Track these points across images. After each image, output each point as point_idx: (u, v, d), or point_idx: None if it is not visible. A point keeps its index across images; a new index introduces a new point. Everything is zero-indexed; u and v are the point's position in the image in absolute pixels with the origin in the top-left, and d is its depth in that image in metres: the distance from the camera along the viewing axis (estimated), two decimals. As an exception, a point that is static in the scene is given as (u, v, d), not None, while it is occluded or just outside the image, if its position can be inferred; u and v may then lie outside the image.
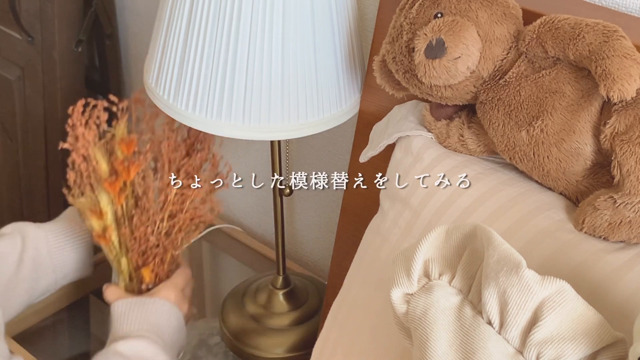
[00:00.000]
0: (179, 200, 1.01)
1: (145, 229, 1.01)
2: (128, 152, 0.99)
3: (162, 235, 1.02)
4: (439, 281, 0.69)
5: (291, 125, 0.98)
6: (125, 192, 1.00)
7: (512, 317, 0.63)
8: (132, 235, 1.01)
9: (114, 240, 1.03)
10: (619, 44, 0.73)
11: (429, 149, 0.89)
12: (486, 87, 0.82)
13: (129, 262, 1.04)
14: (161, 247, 1.03)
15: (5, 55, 1.55)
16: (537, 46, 0.79)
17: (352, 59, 1.00)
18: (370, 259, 0.90)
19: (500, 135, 0.82)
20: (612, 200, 0.75)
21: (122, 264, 1.05)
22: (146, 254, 1.03)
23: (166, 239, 1.02)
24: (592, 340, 0.62)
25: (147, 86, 1.05)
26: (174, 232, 1.02)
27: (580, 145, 0.77)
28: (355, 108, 1.02)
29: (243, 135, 0.98)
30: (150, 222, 1.01)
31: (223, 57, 0.94)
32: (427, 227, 0.84)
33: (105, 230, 1.02)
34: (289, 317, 1.20)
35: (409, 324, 0.70)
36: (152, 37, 1.04)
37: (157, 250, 1.03)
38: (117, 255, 1.04)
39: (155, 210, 1.01)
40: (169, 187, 1.00)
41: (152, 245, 1.02)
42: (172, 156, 1.01)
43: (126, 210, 1.02)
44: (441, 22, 0.80)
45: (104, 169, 1.00)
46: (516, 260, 0.64)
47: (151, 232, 1.01)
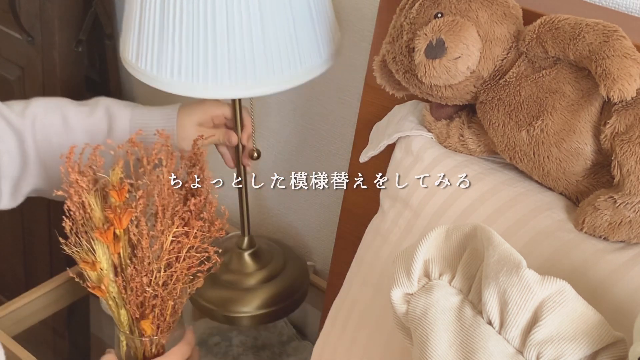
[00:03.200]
0: (175, 249, 0.96)
1: (141, 279, 0.96)
2: (120, 199, 0.95)
3: (160, 286, 0.97)
4: (439, 281, 0.69)
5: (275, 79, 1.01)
6: (121, 240, 0.96)
7: (512, 317, 0.63)
8: (128, 286, 0.97)
9: (111, 291, 0.98)
10: (619, 44, 0.73)
11: (429, 149, 0.89)
12: (486, 87, 0.82)
13: (128, 314, 1.00)
14: (159, 298, 0.98)
15: (5, 55, 1.55)
16: (537, 46, 0.79)
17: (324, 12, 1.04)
18: (370, 259, 0.90)
19: (500, 135, 0.82)
20: (612, 200, 0.75)
21: (122, 316, 1.01)
22: (144, 306, 0.99)
23: (164, 290, 0.98)
24: (592, 340, 0.62)
25: (128, 63, 1.06)
26: (172, 283, 0.98)
27: (580, 145, 0.77)
28: (331, 59, 1.06)
29: (230, 95, 1.02)
30: (147, 272, 0.96)
31: (202, 20, 0.96)
32: (427, 227, 0.84)
33: (100, 281, 0.97)
34: (256, 276, 1.23)
35: (409, 324, 0.70)
36: (125, 15, 1.05)
37: (155, 302, 0.98)
38: (116, 306, 1.00)
39: (151, 259, 0.96)
40: (164, 235, 0.95)
41: (150, 296, 0.97)
42: (167, 202, 0.96)
43: (124, 259, 0.98)
44: (441, 22, 0.80)
45: (99, 216, 0.96)
46: (516, 260, 0.64)
47: (147, 282, 0.96)
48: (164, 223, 0.95)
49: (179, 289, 0.98)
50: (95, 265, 0.96)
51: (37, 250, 1.66)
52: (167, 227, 0.95)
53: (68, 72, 1.48)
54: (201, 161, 1.01)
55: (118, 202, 0.94)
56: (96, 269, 0.96)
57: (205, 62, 0.98)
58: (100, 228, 0.94)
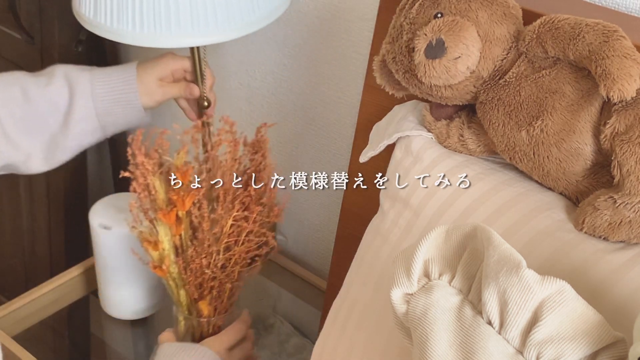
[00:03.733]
0: (234, 233, 0.99)
1: (200, 261, 0.99)
2: (184, 181, 0.98)
3: (218, 269, 1.00)
4: (439, 281, 0.69)
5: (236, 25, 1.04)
6: (182, 223, 0.99)
7: (512, 317, 0.63)
8: (188, 267, 1.00)
9: (172, 272, 1.01)
10: (619, 44, 0.73)
11: (429, 149, 0.89)
12: (486, 87, 0.82)
13: (187, 294, 1.03)
14: (217, 280, 1.01)
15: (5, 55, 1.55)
16: (537, 46, 0.79)
17: None
18: (370, 259, 0.90)
19: (500, 135, 0.82)
20: (612, 200, 0.75)
21: (181, 296, 1.04)
22: (202, 287, 1.02)
23: (222, 273, 1.00)
24: (592, 340, 0.62)
25: (83, 18, 1.06)
26: (230, 266, 1.00)
27: (580, 145, 0.77)
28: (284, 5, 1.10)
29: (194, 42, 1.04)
30: (206, 254, 0.99)
31: None
32: (427, 227, 0.84)
33: (162, 261, 1.00)
34: None
35: (409, 324, 0.70)
36: None
37: (214, 283, 1.01)
38: (176, 287, 1.03)
39: (211, 242, 0.99)
40: (224, 218, 0.98)
41: (208, 278, 1.00)
42: (229, 187, 0.99)
43: (185, 241, 1.00)
44: (441, 22, 0.80)
45: (162, 198, 0.99)
46: (516, 260, 0.64)
47: (207, 264, 0.99)
48: (224, 207, 0.98)
49: (236, 272, 1.02)
50: (158, 245, 0.99)
51: (37, 250, 1.66)
52: (228, 211, 0.98)
53: (68, 72, 1.48)
54: (264, 148, 1.04)
55: (182, 184, 0.97)
56: (158, 249, 0.99)
57: (167, 11, 1.00)
58: (163, 209, 0.98)
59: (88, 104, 1.09)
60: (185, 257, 0.99)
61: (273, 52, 1.31)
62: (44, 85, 1.09)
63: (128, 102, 1.12)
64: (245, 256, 1.01)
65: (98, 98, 1.10)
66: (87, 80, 1.11)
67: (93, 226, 1.20)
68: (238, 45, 1.36)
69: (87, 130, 1.11)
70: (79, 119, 1.09)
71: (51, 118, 1.09)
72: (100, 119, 1.11)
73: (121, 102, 1.12)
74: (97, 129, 1.12)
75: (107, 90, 1.11)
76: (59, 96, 1.09)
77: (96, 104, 1.10)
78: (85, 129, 1.11)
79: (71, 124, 1.09)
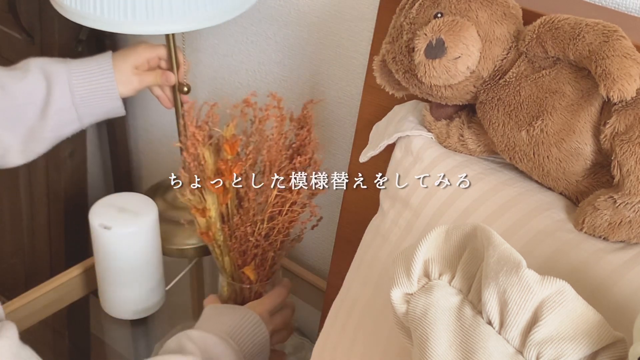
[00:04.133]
0: (278, 203, 1.03)
1: (245, 229, 1.03)
2: (232, 152, 1.02)
3: (262, 237, 1.04)
4: (439, 281, 0.69)
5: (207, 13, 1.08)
6: (229, 192, 1.03)
7: (512, 317, 0.63)
8: (232, 235, 1.05)
9: (217, 239, 1.07)
10: (619, 44, 0.73)
11: (429, 149, 0.89)
12: (486, 87, 0.82)
13: (231, 261, 1.08)
14: (260, 248, 1.05)
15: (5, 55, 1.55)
16: (537, 46, 0.79)
17: None
18: (370, 259, 0.90)
19: (500, 135, 0.82)
20: (612, 200, 0.75)
21: (226, 263, 1.09)
22: (246, 254, 1.06)
23: (265, 241, 1.05)
24: (592, 340, 0.62)
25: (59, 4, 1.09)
26: (273, 235, 1.05)
27: (580, 145, 0.77)
28: None
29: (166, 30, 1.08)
30: (251, 222, 1.03)
31: None
32: (427, 227, 0.84)
33: (209, 228, 1.05)
34: None
35: (409, 323, 0.70)
36: None
37: (257, 251, 1.06)
38: (221, 253, 1.08)
39: (256, 211, 1.03)
40: (269, 189, 1.02)
41: (252, 245, 1.05)
42: (275, 159, 1.03)
43: (231, 209, 1.05)
44: (441, 22, 0.80)
45: (211, 168, 1.04)
46: (516, 260, 0.64)
47: (251, 232, 1.04)
48: (270, 178, 1.02)
49: (279, 242, 1.07)
50: (205, 212, 1.04)
51: (37, 250, 1.66)
52: (273, 182, 1.02)
53: (68, 72, 1.48)
54: (309, 124, 1.08)
55: (230, 155, 1.02)
56: (205, 216, 1.04)
57: None
58: (212, 178, 1.02)
59: (65, 95, 1.11)
60: (230, 225, 1.05)
61: (273, 52, 1.31)
62: (20, 79, 1.10)
63: (105, 91, 1.14)
64: (288, 226, 1.06)
65: (75, 88, 1.12)
66: (64, 72, 1.12)
67: (93, 226, 1.20)
68: (238, 45, 1.36)
69: (65, 121, 1.13)
70: (57, 110, 1.11)
71: (29, 111, 1.10)
72: (78, 109, 1.12)
73: (98, 91, 1.13)
74: (74, 120, 1.14)
75: (84, 80, 1.12)
76: (36, 89, 1.10)
77: (73, 95, 1.12)
78: (63, 119, 1.12)
79: (49, 116, 1.10)
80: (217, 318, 1.04)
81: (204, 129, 1.05)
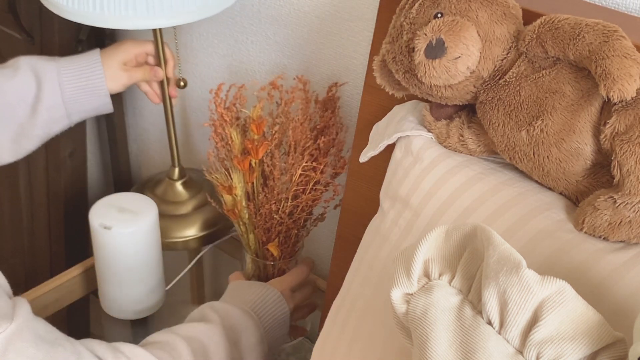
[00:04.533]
0: (303, 182, 1.08)
1: (270, 206, 1.07)
2: (258, 132, 1.06)
3: (286, 215, 1.09)
4: (439, 281, 0.69)
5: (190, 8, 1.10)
6: (255, 171, 1.08)
7: (512, 317, 0.63)
8: (257, 212, 1.09)
9: (243, 216, 1.11)
10: (619, 44, 0.73)
11: (429, 149, 0.89)
12: (486, 87, 0.82)
13: (256, 238, 1.12)
14: (284, 225, 1.10)
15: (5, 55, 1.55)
16: (537, 46, 0.79)
17: None
18: (370, 259, 0.90)
19: (500, 135, 0.82)
20: (612, 200, 0.75)
21: (250, 240, 1.13)
22: (270, 232, 1.11)
23: (289, 219, 1.10)
24: (592, 340, 0.62)
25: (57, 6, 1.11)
26: (297, 212, 1.10)
27: (580, 145, 0.77)
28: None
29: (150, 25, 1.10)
30: (275, 200, 1.08)
31: None
32: (427, 227, 0.84)
33: (235, 205, 1.09)
34: (190, 204, 1.35)
35: (409, 324, 0.70)
36: None
37: (281, 229, 1.10)
38: (246, 231, 1.12)
39: (281, 189, 1.08)
40: (294, 167, 1.07)
41: (276, 222, 1.09)
42: (300, 138, 1.07)
43: (256, 188, 1.09)
44: (441, 22, 0.80)
45: (238, 148, 1.08)
46: (516, 260, 0.64)
47: (276, 210, 1.08)
48: (295, 157, 1.07)
49: (302, 219, 1.12)
50: (232, 190, 1.08)
51: (37, 250, 1.66)
52: (298, 161, 1.07)
53: (68, 72, 1.48)
54: (334, 106, 1.13)
55: (256, 135, 1.06)
56: (232, 194, 1.09)
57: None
58: (238, 157, 1.07)
59: (55, 92, 1.12)
60: (256, 202, 1.09)
61: (273, 52, 1.31)
62: (10, 77, 1.12)
63: (94, 88, 1.15)
64: (311, 204, 1.10)
65: (65, 85, 1.13)
66: (54, 69, 1.13)
67: (93, 226, 1.20)
68: (238, 45, 1.36)
69: (54, 117, 1.14)
70: (47, 107, 1.12)
71: (19, 109, 1.12)
72: (67, 106, 1.14)
73: (88, 88, 1.15)
74: (63, 117, 1.15)
75: (73, 77, 1.14)
76: (26, 86, 1.12)
77: (63, 92, 1.13)
78: (52, 116, 1.14)
79: (39, 113, 1.12)
80: (241, 292, 1.08)
81: (232, 110, 1.10)
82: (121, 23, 1.09)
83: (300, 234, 1.15)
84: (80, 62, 1.16)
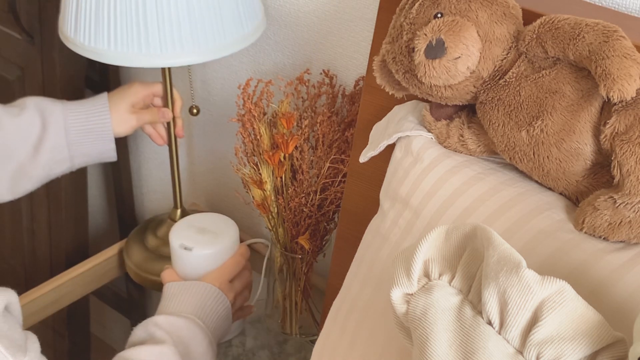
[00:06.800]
0: (331, 174, 1.09)
1: (299, 200, 1.09)
2: (288, 127, 1.07)
3: (315, 208, 1.10)
4: (439, 281, 0.69)
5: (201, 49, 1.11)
6: (284, 165, 1.09)
7: (512, 317, 0.63)
8: (287, 206, 1.10)
9: (272, 210, 1.12)
10: (619, 44, 0.73)
11: (429, 149, 0.89)
12: (486, 87, 0.82)
13: (285, 232, 1.13)
14: (314, 219, 1.11)
15: (5, 55, 1.55)
16: (537, 46, 0.79)
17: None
18: (370, 259, 0.90)
19: (500, 135, 0.82)
20: (612, 200, 0.75)
21: (280, 234, 1.14)
22: (300, 225, 1.12)
23: (318, 212, 1.11)
24: (592, 340, 0.62)
25: (67, 38, 1.13)
26: (326, 205, 1.11)
27: (580, 145, 0.77)
28: (255, 33, 1.17)
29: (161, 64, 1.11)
30: (305, 193, 1.09)
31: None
32: (427, 227, 0.84)
33: (264, 199, 1.10)
34: None
35: (409, 324, 0.70)
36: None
37: (310, 222, 1.12)
38: (275, 225, 1.14)
39: (310, 183, 1.09)
40: (322, 161, 1.09)
41: (306, 216, 1.11)
42: (327, 132, 1.08)
43: (285, 182, 1.10)
44: (441, 22, 0.80)
45: (267, 142, 1.09)
46: (516, 260, 0.64)
47: (305, 203, 1.10)
48: (323, 150, 1.09)
49: (331, 212, 1.13)
50: (262, 184, 1.10)
51: (37, 250, 1.66)
52: (326, 154, 1.09)
53: (68, 72, 1.48)
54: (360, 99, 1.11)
55: (286, 129, 1.08)
56: (262, 188, 1.10)
57: (137, 33, 1.07)
58: (268, 152, 1.08)
59: (60, 134, 1.12)
60: (285, 196, 1.11)
61: (273, 52, 1.31)
62: (16, 115, 1.12)
63: (100, 132, 1.15)
64: (340, 197, 1.11)
65: (70, 127, 1.13)
66: (60, 111, 1.13)
67: (174, 247, 1.19)
68: (238, 45, 1.36)
69: (56, 159, 1.14)
70: (50, 147, 1.12)
71: (21, 148, 1.11)
72: (71, 148, 1.13)
73: (93, 132, 1.15)
74: (66, 159, 1.15)
75: (79, 120, 1.14)
76: (30, 126, 1.12)
77: (68, 134, 1.13)
78: (55, 158, 1.13)
79: (41, 153, 1.12)
80: (180, 298, 1.06)
81: (260, 105, 1.11)
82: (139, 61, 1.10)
83: (329, 227, 1.16)
84: (87, 106, 1.16)
